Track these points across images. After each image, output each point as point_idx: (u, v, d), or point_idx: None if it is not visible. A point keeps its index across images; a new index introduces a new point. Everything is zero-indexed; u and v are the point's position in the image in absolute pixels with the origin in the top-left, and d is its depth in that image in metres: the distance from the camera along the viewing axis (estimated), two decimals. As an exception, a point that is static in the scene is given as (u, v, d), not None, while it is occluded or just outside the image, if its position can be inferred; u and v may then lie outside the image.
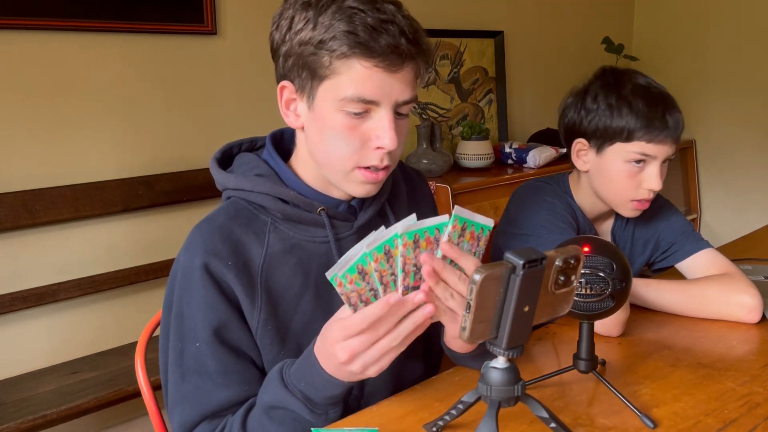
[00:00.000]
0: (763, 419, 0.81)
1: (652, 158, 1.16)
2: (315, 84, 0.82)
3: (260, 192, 0.87)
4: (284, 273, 0.88)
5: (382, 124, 0.81)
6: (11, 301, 1.78)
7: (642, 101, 1.14)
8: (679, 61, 3.51)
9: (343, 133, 0.82)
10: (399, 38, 0.78)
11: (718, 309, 1.11)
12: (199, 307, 0.84)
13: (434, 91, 2.80)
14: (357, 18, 0.77)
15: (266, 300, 0.86)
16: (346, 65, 0.79)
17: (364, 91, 0.79)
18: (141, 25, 1.95)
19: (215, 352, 0.84)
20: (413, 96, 0.84)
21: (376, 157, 0.83)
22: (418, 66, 0.83)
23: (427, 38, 0.84)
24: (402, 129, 0.86)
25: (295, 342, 0.89)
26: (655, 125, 1.13)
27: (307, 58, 0.80)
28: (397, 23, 0.79)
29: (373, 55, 0.78)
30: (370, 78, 0.79)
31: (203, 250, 0.84)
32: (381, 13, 0.78)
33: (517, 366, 0.70)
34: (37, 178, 1.84)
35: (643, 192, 1.17)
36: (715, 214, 3.55)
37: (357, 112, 0.81)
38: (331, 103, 0.81)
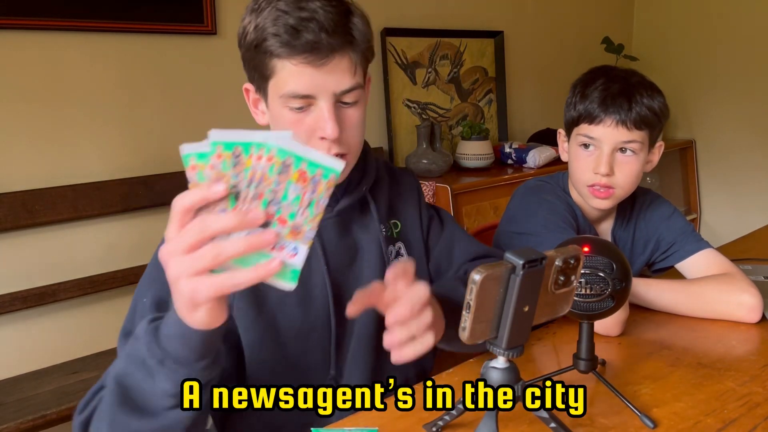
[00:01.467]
0: (763, 419, 0.81)
1: (598, 141, 1.16)
2: (264, 84, 0.89)
3: None
4: None
5: (321, 115, 0.86)
6: (11, 301, 1.77)
7: (600, 87, 1.16)
8: (679, 61, 3.51)
9: (291, 127, 0.87)
10: (319, 34, 0.82)
11: (718, 309, 1.11)
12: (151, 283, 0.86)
13: (434, 91, 2.80)
14: (281, 20, 0.83)
15: None
16: (280, 65, 0.85)
17: (298, 87, 0.84)
18: (141, 25, 1.95)
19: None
20: (353, 84, 0.87)
21: (324, 147, 0.87)
22: (349, 56, 0.86)
23: (361, 25, 0.87)
24: (352, 117, 0.89)
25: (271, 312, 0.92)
26: (596, 108, 1.15)
27: (254, 60, 0.88)
28: (317, 19, 0.82)
29: (296, 52, 0.83)
30: (300, 74, 0.84)
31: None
32: (302, 11, 0.83)
33: (517, 366, 0.70)
34: (37, 178, 1.84)
35: (595, 177, 1.17)
36: (715, 214, 3.55)
37: (298, 107, 0.86)
38: (277, 101, 0.87)
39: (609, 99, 1.14)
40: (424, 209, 1.09)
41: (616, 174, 1.17)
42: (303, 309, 0.93)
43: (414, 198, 1.09)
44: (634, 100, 1.14)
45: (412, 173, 1.14)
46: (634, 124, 1.14)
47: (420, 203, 1.09)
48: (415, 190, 1.10)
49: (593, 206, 1.22)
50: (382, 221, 1.01)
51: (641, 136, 1.15)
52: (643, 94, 1.14)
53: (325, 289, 0.94)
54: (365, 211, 1.01)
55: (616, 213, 1.32)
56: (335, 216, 0.97)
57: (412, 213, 1.07)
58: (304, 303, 0.93)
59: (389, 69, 2.61)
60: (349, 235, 0.99)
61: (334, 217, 0.97)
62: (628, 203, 1.32)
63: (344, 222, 0.98)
